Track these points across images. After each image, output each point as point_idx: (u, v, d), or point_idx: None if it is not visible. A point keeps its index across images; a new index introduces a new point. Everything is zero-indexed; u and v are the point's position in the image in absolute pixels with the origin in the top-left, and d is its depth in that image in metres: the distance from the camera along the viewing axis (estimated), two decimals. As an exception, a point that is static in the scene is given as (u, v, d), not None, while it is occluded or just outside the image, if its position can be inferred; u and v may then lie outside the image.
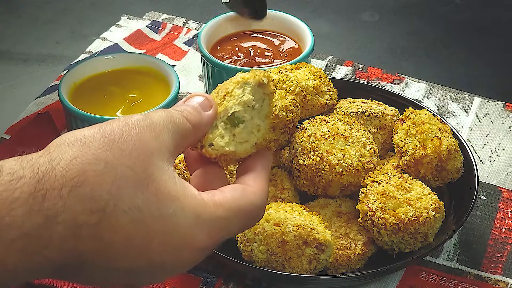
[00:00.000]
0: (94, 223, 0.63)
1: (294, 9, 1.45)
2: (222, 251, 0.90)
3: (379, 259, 0.93)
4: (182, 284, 0.94)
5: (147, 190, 0.65)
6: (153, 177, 0.66)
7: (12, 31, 1.42)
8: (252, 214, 0.73)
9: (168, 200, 0.66)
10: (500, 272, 0.96)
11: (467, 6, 1.49)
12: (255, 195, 0.74)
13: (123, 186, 0.64)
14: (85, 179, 0.63)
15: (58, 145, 0.65)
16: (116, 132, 0.66)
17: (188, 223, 0.67)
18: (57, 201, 0.62)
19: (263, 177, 0.77)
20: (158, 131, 0.69)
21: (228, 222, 0.70)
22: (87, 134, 0.66)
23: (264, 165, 0.78)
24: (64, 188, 0.62)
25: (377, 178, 0.93)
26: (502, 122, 1.17)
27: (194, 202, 0.68)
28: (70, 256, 0.63)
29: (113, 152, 0.65)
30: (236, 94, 0.77)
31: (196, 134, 0.74)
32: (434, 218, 0.91)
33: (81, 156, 0.64)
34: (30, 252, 0.61)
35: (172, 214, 0.66)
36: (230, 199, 0.71)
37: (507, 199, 1.05)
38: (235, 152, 0.77)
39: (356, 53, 1.38)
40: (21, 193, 0.61)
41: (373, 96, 1.09)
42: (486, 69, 1.34)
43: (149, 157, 0.66)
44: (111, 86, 1.14)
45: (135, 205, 0.64)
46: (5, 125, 1.15)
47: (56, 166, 0.63)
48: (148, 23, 1.36)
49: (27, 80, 1.30)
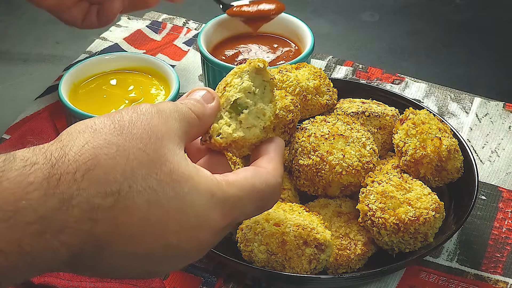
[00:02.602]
0: (110, 205, 0.63)
1: (294, 9, 1.44)
2: (222, 251, 0.90)
3: (379, 259, 0.93)
4: (182, 284, 0.94)
5: (161, 170, 0.66)
6: (165, 158, 0.66)
7: (12, 31, 1.42)
8: (266, 194, 0.73)
9: (182, 180, 0.66)
10: (500, 272, 0.96)
11: (467, 6, 1.49)
12: (268, 174, 0.74)
13: (136, 167, 0.65)
14: (98, 163, 0.64)
15: (69, 133, 0.66)
16: (126, 118, 0.67)
17: (203, 202, 0.67)
18: (71, 185, 0.62)
19: (276, 159, 0.77)
20: (165, 118, 0.70)
21: (241, 201, 0.70)
22: (97, 122, 0.67)
23: (277, 149, 0.78)
24: (78, 172, 0.63)
25: (377, 178, 0.93)
26: (502, 122, 1.17)
27: (208, 181, 0.68)
28: (87, 240, 0.63)
29: (124, 136, 0.66)
30: (235, 83, 0.78)
31: (201, 125, 0.74)
32: (434, 218, 0.91)
33: (92, 141, 0.65)
34: (46, 235, 0.61)
35: (187, 193, 0.66)
36: (243, 178, 0.72)
37: (507, 199, 1.05)
38: (245, 138, 0.77)
39: (356, 53, 1.38)
40: (35, 178, 0.62)
41: (373, 96, 1.09)
42: (486, 69, 1.34)
43: (160, 140, 0.67)
44: (111, 86, 1.14)
45: (150, 185, 0.65)
46: (5, 125, 1.15)
47: (69, 152, 0.64)
48: (148, 23, 1.36)
49: (27, 80, 1.30)
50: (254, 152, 0.79)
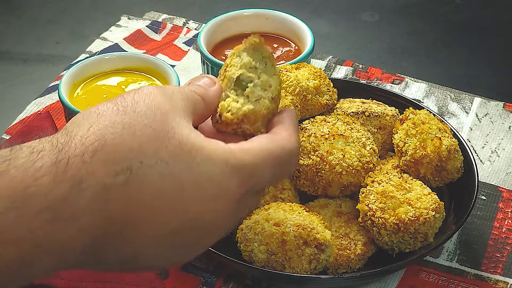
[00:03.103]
0: (122, 184, 0.62)
1: (294, 9, 1.45)
2: (222, 251, 0.90)
3: (379, 259, 0.93)
4: (182, 284, 0.94)
5: (170, 143, 0.65)
6: (173, 131, 0.65)
7: (12, 31, 1.42)
8: (283, 159, 0.71)
9: (193, 150, 0.65)
10: (500, 272, 0.96)
11: (467, 6, 1.49)
12: (283, 140, 0.72)
13: (145, 143, 0.64)
14: (105, 143, 0.63)
15: (74, 121, 0.66)
16: (128, 99, 0.67)
17: (218, 171, 0.66)
18: (80, 167, 0.61)
19: (290, 127, 0.75)
20: (170, 95, 0.69)
21: (257, 168, 0.69)
22: (101, 107, 0.66)
23: (290, 118, 0.76)
24: (85, 154, 0.62)
25: (377, 178, 0.93)
26: (502, 122, 1.17)
27: (220, 150, 0.67)
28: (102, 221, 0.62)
29: (129, 115, 0.65)
30: (234, 63, 0.77)
31: (206, 106, 0.73)
32: (434, 218, 0.91)
33: (97, 123, 0.64)
34: (59, 222, 0.60)
35: (200, 163, 0.65)
36: (257, 145, 0.70)
37: (507, 199, 1.05)
38: (255, 110, 0.75)
39: (356, 53, 1.38)
40: (43, 163, 0.61)
41: (373, 96, 1.09)
42: (486, 69, 1.34)
43: (165, 115, 0.66)
44: (111, 86, 1.14)
45: (161, 158, 0.64)
46: (5, 125, 1.15)
47: (75, 136, 0.63)
48: (148, 23, 1.36)
49: (27, 80, 1.30)
50: (268, 125, 0.77)
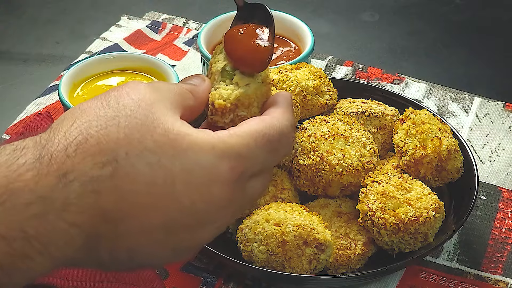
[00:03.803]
0: (109, 174, 0.61)
1: (294, 9, 1.45)
2: (222, 251, 0.90)
3: (379, 259, 0.93)
4: (182, 284, 0.94)
5: (155, 132, 0.64)
6: (158, 120, 0.64)
7: (12, 31, 1.42)
8: (272, 136, 0.69)
9: (179, 137, 0.64)
10: (500, 272, 0.96)
11: (467, 6, 1.49)
12: (273, 119, 0.70)
13: (129, 133, 0.63)
14: (88, 135, 0.62)
15: (58, 119, 0.65)
16: (112, 94, 0.66)
17: (206, 156, 0.64)
18: (64, 160, 0.61)
19: (282, 106, 0.73)
20: (156, 88, 0.68)
21: (249, 148, 0.67)
22: (85, 104, 0.66)
23: (283, 98, 0.75)
24: (69, 148, 0.61)
25: (377, 178, 0.93)
26: (502, 122, 1.17)
27: (206, 136, 0.65)
28: (95, 216, 0.61)
29: (112, 108, 0.64)
30: (218, 58, 0.78)
31: (195, 101, 0.72)
32: (434, 218, 0.91)
33: (80, 118, 0.63)
34: (49, 216, 0.59)
35: (187, 149, 0.64)
36: (245, 127, 0.68)
37: (507, 199, 1.05)
38: (247, 94, 0.75)
39: (356, 53, 1.38)
40: (26, 159, 0.60)
41: (373, 96, 1.09)
42: (486, 69, 1.34)
43: (150, 105, 0.65)
44: (111, 86, 1.13)
45: (147, 147, 0.63)
46: (5, 125, 1.15)
47: (58, 133, 0.63)
48: (148, 23, 1.36)
49: (27, 80, 1.30)
50: (262, 108, 0.76)
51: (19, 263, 0.59)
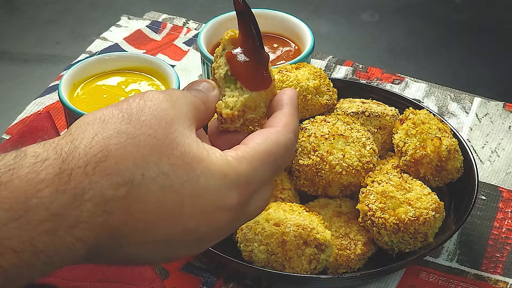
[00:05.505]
0: (123, 196, 0.63)
1: (294, 9, 1.45)
2: (222, 251, 0.90)
3: (379, 259, 0.93)
4: (182, 284, 0.94)
5: (172, 155, 0.65)
6: (176, 141, 0.66)
7: (12, 31, 1.42)
8: (278, 155, 0.72)
9: (194, 162, 0.66)
10: (500, 272, 0.96)
11: (467, 6, 1.49)
12: (278, 133, 0.73)
13: (147, 154, 0.64)
14: (108, 154, 0.63)
15: (79, 126, 0.66)
16: (133, 106, 0.67)
17: (216, 183, 0.67)
18: (83, 179, 0.62)
19: (288, 112, 0.75)
20: (173, 102, 0.69)
21: (255, 173, 0.69)
22: (106, 112, 0.66)
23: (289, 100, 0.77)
24: (89, 165, 0.62)
25: (377, 178, 0.93)
26: (502, 122, 1.17)
27: (219, 162, 0.68)
28: (102, 233, 0.63)
29: (133, 124, 0.65)
30: (219, 63, 0.78)
31: (207, 111, 0.74)
32: (434, 218, 0.91)
33: (102, 132, 0.64)
34: (59, 232, 0.61)
35: (199, 175, 0.66)
36: (251, 148, 0.70)
37: (507, 199, 1.05)
38: (252, 97, 0.76)
39: (356, 53, 1.38)
40: (46, 175, 0.61)
41: (373, 96, 1.09)
42: (486, 69, 1.34)
43: (169, 124, 0.67)
44: (111, 86, 1.14)
45: (162, 171, 0.64)
46: (5, 125, 1.15)
47: (79, 145, 0.63)
48: (148, 23, 1.36)
49: (27, 80, 1.30)
50: (269, 108, 0.78)
51: (24, 271, 0.61)
